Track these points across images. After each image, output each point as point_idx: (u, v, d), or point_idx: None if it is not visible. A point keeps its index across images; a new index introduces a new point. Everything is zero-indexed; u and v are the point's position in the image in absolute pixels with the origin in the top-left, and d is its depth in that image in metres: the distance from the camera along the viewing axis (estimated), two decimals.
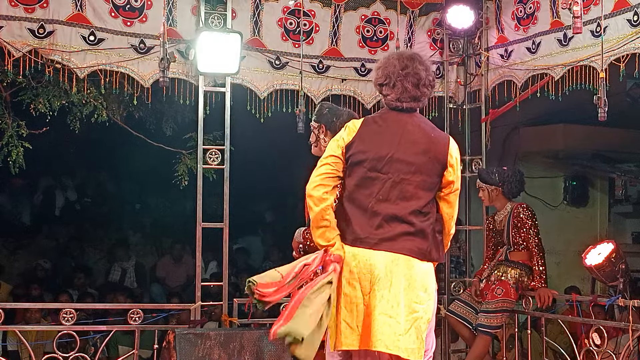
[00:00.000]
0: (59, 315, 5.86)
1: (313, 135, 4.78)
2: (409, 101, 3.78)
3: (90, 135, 7.55)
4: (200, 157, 6.28)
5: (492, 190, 6.24)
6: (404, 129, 3.78)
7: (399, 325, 3.63)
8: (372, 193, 3.70)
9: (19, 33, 5.72)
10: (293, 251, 4.77)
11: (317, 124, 4.73)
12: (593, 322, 5.81)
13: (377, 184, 3.71)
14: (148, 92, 6.19)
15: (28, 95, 6.42)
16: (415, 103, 3.81)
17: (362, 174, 3.72)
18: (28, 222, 11.37)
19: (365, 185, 3.72)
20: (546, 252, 6.13)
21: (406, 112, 3.81)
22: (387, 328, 3.63)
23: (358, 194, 3.72)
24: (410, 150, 3.75)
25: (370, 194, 3.71)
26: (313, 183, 3.76)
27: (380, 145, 3.73)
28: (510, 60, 6.65)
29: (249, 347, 5.71)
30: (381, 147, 3.73)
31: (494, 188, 6.23)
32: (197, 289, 6.21)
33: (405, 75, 3.75)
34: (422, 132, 3.84)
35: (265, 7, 6.47)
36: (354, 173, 3.75)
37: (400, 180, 3.72)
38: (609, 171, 9.65)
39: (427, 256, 3.77)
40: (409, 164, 3.74)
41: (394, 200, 3.71)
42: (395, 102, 3.79)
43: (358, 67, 6.79)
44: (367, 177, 3.71)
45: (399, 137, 3.75)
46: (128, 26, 6.04)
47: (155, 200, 11.74)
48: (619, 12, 5.49)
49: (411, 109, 3.82)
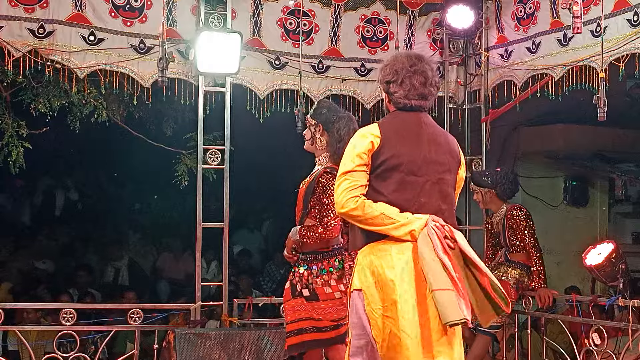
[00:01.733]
0: (59, 315, 5.87)
1: (308, 131, 4.79)
2: (417, 99, 3.72)
3: (90, 135, 7.54)
4: (200, 157, 6.28)
5: (485, 193, 6.24)
6: (425, 129, 3.74)
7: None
8: (413, 197, 3.62)
9: (19, 33, 5.72)
10: (284, 249, 4.74)
11: (315, 122, 4.74)
12: (593, 322, 5.81)
13: (416, 187, 3.63)
14: (148, 92, 6.20)
15: (28, 95, 6.43)
16: (424, 101, 3.75)
17: (400, 178, 3.62)
18: (28, 222, 11.36)
19: (404, 189, 3.62)
20: (546, 253, 6.14)
21: (416, 111, 3.75)
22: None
23: (398, 199, 3.60)
24: (438, 150, 3.73)
25: (411, 197, 3.62)
26: (340, 202, 3.61)
27: (411, 148, 3.66)
28: (510, 60, 6.65)
29: (248, 347, 5.72)
30: (413, 150, 3.66)
31: (487, 191, 6.23)
32: (197, 289, 6.22)
33: (414, 72, 3.71)
34: (440, 131, 3.85)
35: (265, 7, 6.47)
36: (389, 178, 3.63)
37: (437, 180, 3.68)
38: (608, 171, 9.64)
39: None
40: (442, 164, 3.72)
41: (434, 201, 3.67)
42: (403, 100, 3.72)
43: (358, 67, 6.79)
44: (405, 181, 3.63)
45: (425, 138, 3.71)
46: (128, 26, 6.04)
47: (155, 200, 11.74)
48: (619, 12, 5.49)
49: (420, 108, 3.76)
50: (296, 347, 4.59)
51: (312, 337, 4.55)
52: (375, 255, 3.60)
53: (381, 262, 3.57)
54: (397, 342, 3.51)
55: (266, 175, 11.01)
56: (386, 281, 3.54)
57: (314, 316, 4.53)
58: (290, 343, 4.59)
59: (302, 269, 4.63)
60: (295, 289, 4.62)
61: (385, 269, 3.56)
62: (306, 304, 4.56)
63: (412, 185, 3.63)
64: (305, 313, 4.55)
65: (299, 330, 4.56)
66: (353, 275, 3.70)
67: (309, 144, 4.80)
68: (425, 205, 3.63)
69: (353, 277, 3.69)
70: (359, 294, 3.63)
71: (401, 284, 3.53)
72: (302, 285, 4.59)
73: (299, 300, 4.59)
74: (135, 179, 11.09)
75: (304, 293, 4.58)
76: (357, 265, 3.68)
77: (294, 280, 4.65)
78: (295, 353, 4.63)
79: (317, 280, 4.56)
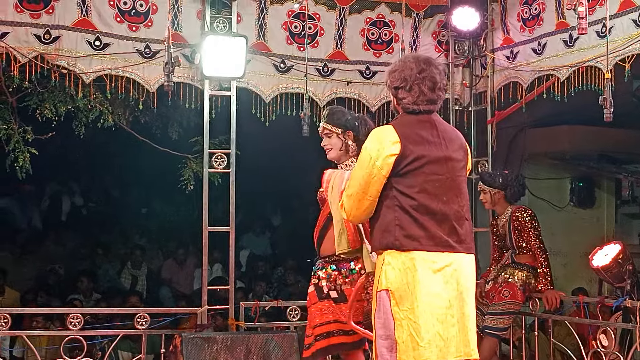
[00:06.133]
0: (66, 320, 5.87)
1: (338, 140, 4.62)
2: (425, 104, 3.75)
3: (96, 140, 7.57)
4: (206, 161, 6.28)
5: (494, 193, 6.22)
6: (437, 127, 3.76)
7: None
8: (436, 196, 3.65)
9: (25, 39, 5.74)
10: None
11: (341, 130, 4.60)
12: (600, 324, 5.80)
13: (438, 186, 3.67)
14: (154, 97, 6.21)
15: (34, 101, 6.45)
16: (432, 106, 3.78)
17: (423, 178, 3.65)
18: (35, 228, 11.38)
19: (429, 189, 3.65)
20: (553, 254, 6.13)
21: (425, 114, 3.77)
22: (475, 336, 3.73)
23: (424, 200, 3.62)
24: (453, 147, 3.77)
25: (434, 197, 3.65)
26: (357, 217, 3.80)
27: (430, 148, 3.69)
28: (515, 61, 6.64)
29: (255, 351, 5.71)
30: (431, 150, 3.69)
31: (496, 191, 6.21)
32: (204, 292, 6.22)
33: (423, 78, 3.72)
34: (450, 127, 3.90)
35: (270, 11, 6.47)
36: (413, 179, 3.65)
37: (455, 178, 3.73)
38: (615, 172, 9.61)
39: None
40: (458, 161, 3.77)
41: (455, 199, 3.70)
42: (412, 106, 3.74)
43: (363, 70, 6.79)
44: (429, 181, 3.66)
45: (440, 137, 3.74)
46: (133, 31, 6.06)
47: (161, 205, 11.75)
48: (624, 13, 5.48)
49: (429, 112, 3.78)
50: (322, 352, 4.51)
51: (339, 340, 4.47)
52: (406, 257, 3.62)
53: (413, 264, 3.60)
54: (414, 345, 3.55)
55: (272, 179, 11.01)
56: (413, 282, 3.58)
57: (341, 319, 4.44)
58: (318, 347, 4.49)
59: (330, 269, 4.54)
60: (321, 292, 4.54)
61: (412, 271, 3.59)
62: (334, 307, 4.48)
63: (435, 184, 3.67)
64: (333, 316, 4.48)
65: (327, 333, 4.47)
66: (380, 275, 3.70)
67: (338, 153, 4.62)
68: (447, 203, 3.67)
69: (380, 277, 3.69)
70: (387, 293, 3.64)
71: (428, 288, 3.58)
72: (329, 287, 4.53)
73: (326, 303, 4.51)
74: (141, 183, 11.10)
75: (331, 295, 4.51)
76: (385, 264, 3.67)
77: (319, 282, 4.57)
78: (322, 358, 4.55)
79: (346, 280, 4.51)
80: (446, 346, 3.58)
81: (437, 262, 3.61)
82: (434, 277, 3.60)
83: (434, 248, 3.62)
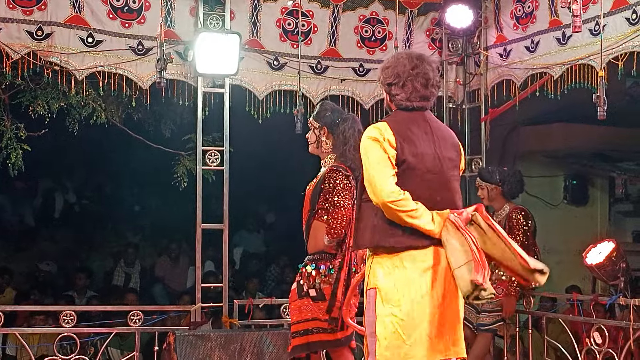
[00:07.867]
0: (59, 318, 5.86)
1: (313, 135, 4.77)
2: (418, 100, 3.73)
3: (89, 137, 7.52)
4: (200, 159, 6.27)
5: (491, 189, 6.22)
6: (430, 125, 3.75)
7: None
8: (430, 195, 3.63)
9: (17, 35, 5.72)
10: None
11: (318, 125, 4.72)
12: (594, 321, 5.80)
13: (432, 184, 3.65)
14: (147, 94, 6.19)
15: (27, 98, 6.42)
16: (425, 102, 3.77)
17: (419, 176, 3.63)
18: (28, 225, 11.35)
19: (423, 187, 3.63)
20: (547, 252, 6.16)
21: (418, 111, 3.76)
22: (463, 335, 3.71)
23: (415, 198, 3.58)
24: (445, 145, 3.75)
25: (429, 196, 3.62)
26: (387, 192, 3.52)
27: (424, 146, 3.67)
28: (509, 59, 6.64)
29: (249, 349, 5.71)
30: (426, 147, 3.67)
31: (493, 187, 6.21)
32: (198, 290, 6.21)
33: (416, 75, 3.71)
34: (442, 125, 3.89)
35: (263, 8, 6.46)
36: (408, 178, 3.61)
37: (449, 176, 3.72)
38: (608, 170, 9.64)
39: None
40: (451, 160, 3.75)
41: (449, 197, 3.69)
42: (405, 102, 3.74)
43: (356, 68, 6.78)
44: (424, 179, 3.64)
45: (433, 135, 3.72)
46: (126, 28, 6.04)
47: (155, 202, 11.72)
48: (618, 11, 5.49)
49: (422, 108, 3.77)
50: (301, 348, 4.57)
51: (317, 338, 4.52)
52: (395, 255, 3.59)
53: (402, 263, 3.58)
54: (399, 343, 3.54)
55: (266, 176, 11.00)
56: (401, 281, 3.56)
57: (320, 317, 4.50)
58: (295, 344, 4.57)
59: (309, 268, 4.59)
60: (301, 289, 4.59)
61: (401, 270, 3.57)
62: (312, 305, 4.53)
63: (429, 183, 3.65)
64: (312, 314, 4.53)
65: (304, 331, 4.54)
66: (369, 274, 3.68)
67: (313, 147, 4.77)
68: (440, 203, 3.64)
69: (369, 276, 3.68)
70: (374, 292, 3.63)
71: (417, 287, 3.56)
72: (308, 285, 4.56)
73: (305, 301, 4.56)
74: (134, 180, 11.07)
75: (310, 293, 4.55)
76: (375, 263, 3.66)
77: (301, 280, 4.61)
78: (302, 354, 4.60)
79: (324, 279, 4.53)
80: (433, 345, 3.57)
81: (427, 260, 3.58)
82: (423, 276, 3.57)
83: (425, 246, 3.59)
